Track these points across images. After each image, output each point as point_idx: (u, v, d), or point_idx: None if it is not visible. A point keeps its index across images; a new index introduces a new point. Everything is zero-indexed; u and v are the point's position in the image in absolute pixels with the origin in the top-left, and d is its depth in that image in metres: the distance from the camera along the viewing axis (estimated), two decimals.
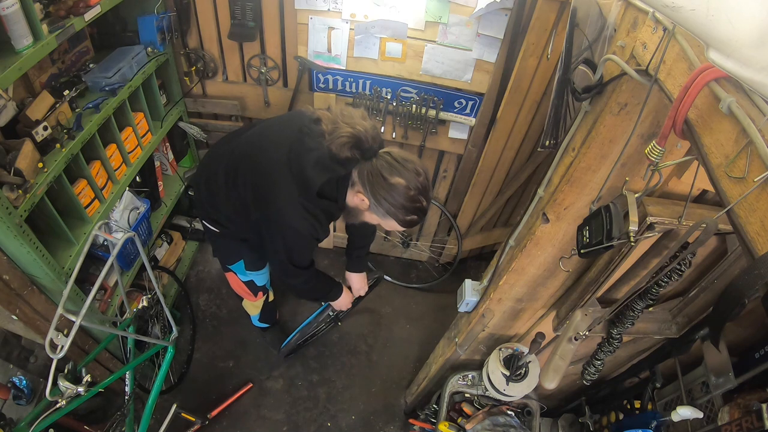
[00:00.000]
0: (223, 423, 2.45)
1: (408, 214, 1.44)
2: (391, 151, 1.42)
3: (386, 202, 1.41)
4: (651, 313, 1.61)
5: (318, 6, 2.02)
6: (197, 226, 2.91)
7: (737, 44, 0.51)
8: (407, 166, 1.39)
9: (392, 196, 1.39)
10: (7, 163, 1.49)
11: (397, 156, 1.40)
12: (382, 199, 1.41)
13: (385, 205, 1.42)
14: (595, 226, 0.98)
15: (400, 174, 1.38)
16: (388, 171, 1.38)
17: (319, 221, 1.50)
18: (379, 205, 1.43)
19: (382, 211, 1.44)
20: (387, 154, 1.41)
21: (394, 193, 1.39)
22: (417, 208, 1.43)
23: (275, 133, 1.57)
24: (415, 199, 1.41)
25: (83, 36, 1.99)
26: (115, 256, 1.49)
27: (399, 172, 1.38)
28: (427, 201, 1.45)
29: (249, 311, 2.54)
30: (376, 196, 1.41)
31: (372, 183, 1.40)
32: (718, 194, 0.63)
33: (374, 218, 1.51)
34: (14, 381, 1.89)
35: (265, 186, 1.50)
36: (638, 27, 0.88)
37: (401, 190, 1.38)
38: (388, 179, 1.38)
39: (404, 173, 1.38)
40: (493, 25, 1.94)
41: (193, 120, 2.66)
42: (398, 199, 1.40)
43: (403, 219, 1.45)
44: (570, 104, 1.18)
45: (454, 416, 2.06)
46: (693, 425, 1.56)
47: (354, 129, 1.35)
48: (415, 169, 1.40)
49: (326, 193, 1.46)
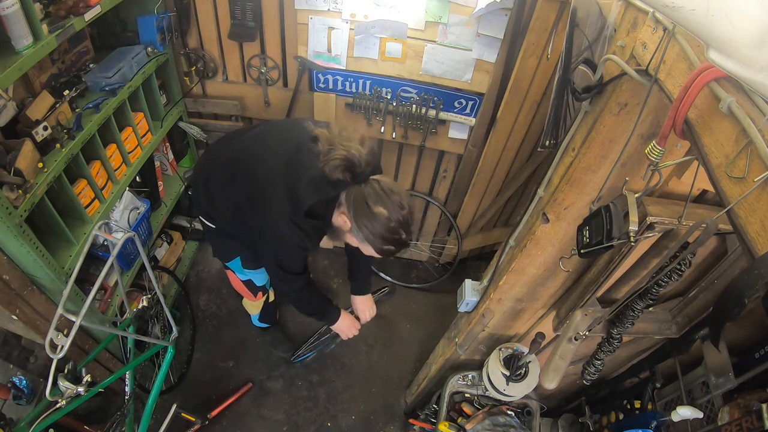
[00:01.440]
0: (223, 423, 2.45)
1: (385, 244, 1.47)
2: (380, 180, 1.44)
3: (366, 229, 1.44)
4: (651, 313, 1.61)
5: (318, 6, 2.02)
6: (197, 226, 2.90)
7: (737, 44, 0.51)
8: (392, 198, 1.42)
9: (372, 224, 1.42)
10: (7, 163, 1.49)
11: (384, 186, 1.43)
12: (362, 226, 1.44)
13: (364, 231, 1.45)
14: (595, 226, 0.98)
15: (383, 204, 1.41)
16: (373, 199, 1.41)
17: (308, 236, 1.54)
18: (360, 230, 1.46)
19: (361, 236, 1.47)
20: (376, 182, 1.43)
21: (374, 222, 1.42)
22: (395, 239, 1.46)
23: (274, 142, 1.59)
24: (394, 231, 1.44)
25: (83, 36, 1.99)
26: (115, 256, 1.49)
27: (383, 202, 1.41)
28: (407, 234, 1.48)
29: (249, 311, 2.54)
30: (358, 221, 1.44)
31: (356, 208, 1.43)
32: (718, 194, 0.63)
33: (354, 241, 1.54)
34: (14, 381, 1.89)
35: (259, 196, 1.53)
36: (638, 27, 0.88)
37: (382, 220, 1.41)
38: (371, 207, 1.41)
39: (388, 204, 1.41)
40: (493, 25, 1.94)
41: (193, 120, 2.66)
42: (378, 229, 1.43)
43: (380, 248, 1.48)
44: (570, 104, 1.18)
45: (454, 416, 2.06)
46: (693, 425, 1.56)
47: (348, 152, 1.37)
48: (399, 203, 1.42)
49: (315, 213, 1.50)
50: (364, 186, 1.43)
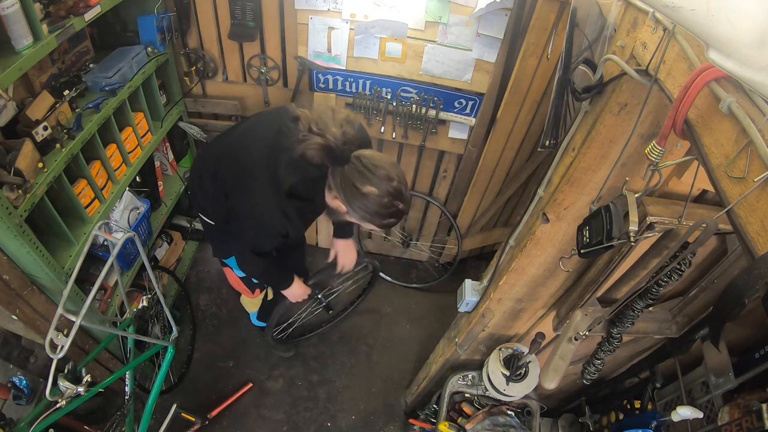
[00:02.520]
0: (223, 423, 2.45)
1: (384, 219, 1.45)
2: (361, 157, 1.39)
3: (361, 210, 1.42)
4: (651, 312, 1.61)
5: (318, 6, 2.02)
6: (197, 226, 2.91)
7: (737, 44, 0.51)
8: (377, 173, 1.37)
9: (365, 204, 1.40)
10: (7, 163, 1.49)
11: (367, 163, 1.38)
12: (357, 208, 1.42)
13: (360, 212, 1.43)
14: (595, 226, 0.98)
15: (370, 182, 1.37)
16: (359, 180, 1.37)
17: (290, 219, 1.53)
18: (355, 212, 1.44)
19: (358, 217, 1.46)
20: (357, 160, 1.38)
21: (366, 202, 1.39)
22: (392, 212, 1.43)
23: (259, 129, 1.61)
24: (389, 205, 1.41)
25: (83, 36, 1.99)
26: (115, 256, 1.49)
27: (369, 180, 1.37)
28: (404, 202, 1.44)
29: (247, 308, 2.54)
30: (351, 204, 1.42)
31: (345, 191, 1.40)
32: (718, 194, 0.63)
33: (354, 220, 1.53)
34: (14, 381, 1.89)
35: (243, 181, 1.54)
36: (638, 27, 0.88)
37: (374, 198, 1.38)
38: (360, 188, 1.37)
39: (375, 181, 1.37)
40: (493, 25, 1.94)
41: (193, 120, 2.66)
42: (372, 207, 1.40)
43: (380, 223, 1.47)
44: (570, 104, 1.18)
45: (454, 416, 2.06)
46: (693, 425, 1.57)
47: (324, 138, 1.34)
48: (386, 175, 1.38)
49: (299, 194, 1.48)
50: (347, 167, 1.39)
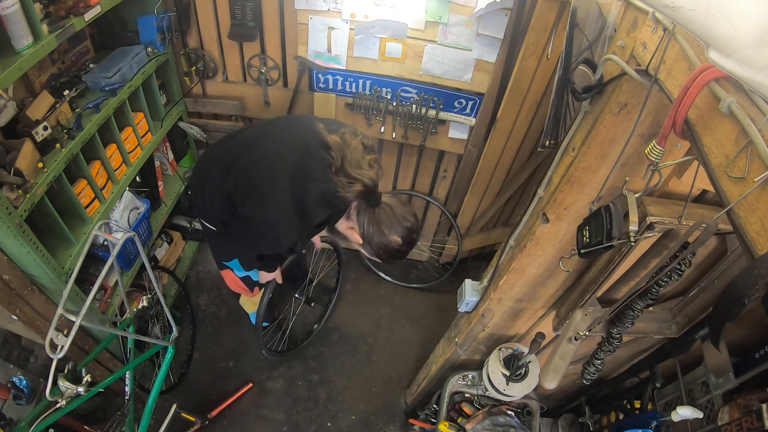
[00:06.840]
0: (223, 423, 2.45)
1: (393, 259, 1.62)
2: (393, 206, 1.55)
3: (378, 249, 1.57)
4: (651, 312, 1.61)
5: (318, 6, 2.02)
6: (197, 226, 2.91)
7: (737, 44, 0.51)
8: (404, 225, 1.54)
9: (385, 246, 1.56)
10: (7, 163, 1.49)
11: (397, 212, 1.54)
12: (375, 246, 1.57)
13: (376, 249, 1.58)
14: (595, 226, 0.98)
15: (398, 233, 1.54)
16: (388, 226, 1.52)
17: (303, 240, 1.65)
18: (370, 247, 1.58)
19: (370, 250, 1.60)
20: (389, 208, 1.54)
21: (387, 246, 1.56)
22: (401, 254, 1.60)
23: (278, 145, 1.58)
24: (404, 251, 1.59)
25: (83, 36, 1.99)
26: (115, 256, 1.49)
27: (397, 230, 1.53)
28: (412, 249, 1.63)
29: (247, 309, 2.54)
30: (371, 241, 1.56)
31: (369, 230, 1.55)
32: (718, 194, 0.63)
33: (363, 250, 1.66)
34: (14, 381, 1.89)
35: (256, 191, 1.53)
36: (638, 27, 0.88)
37: (395, 245, 1.55)
38: (386, 235, 1.53)
39: (401, 232, 1.54)
40: (493, 25, 1.94)
41: (193, 120, 2.66)
42: (390, 250, 1.57)
43: (386, 260, 1.63)
44: (570, 104, 1.18)
45: (454, 416, 2.06)
46: (693, 425, 1.56)
47: (363, 185, 1.46)
48: (411, 228, 1.56)
49: (324, 223, 1.61)
50: (377, 210, 1.52)
